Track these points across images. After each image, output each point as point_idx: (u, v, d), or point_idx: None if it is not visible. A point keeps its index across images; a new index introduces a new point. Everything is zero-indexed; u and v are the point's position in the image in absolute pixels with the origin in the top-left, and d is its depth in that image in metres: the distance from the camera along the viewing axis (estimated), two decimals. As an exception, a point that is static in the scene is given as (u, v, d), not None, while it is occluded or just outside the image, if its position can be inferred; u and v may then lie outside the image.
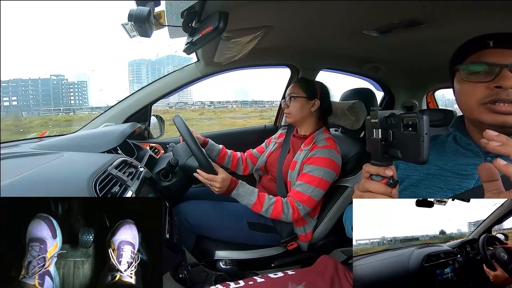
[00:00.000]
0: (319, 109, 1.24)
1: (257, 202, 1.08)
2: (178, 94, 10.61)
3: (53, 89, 18.70)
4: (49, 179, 0.73)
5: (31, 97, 19.22)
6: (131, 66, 24.80)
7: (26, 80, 20.46)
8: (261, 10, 0.82)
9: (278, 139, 1.39)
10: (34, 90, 19.64)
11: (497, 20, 0.81)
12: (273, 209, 1.08)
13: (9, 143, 1.23)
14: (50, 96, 18.63)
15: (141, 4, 0.69)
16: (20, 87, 19.32)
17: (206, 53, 1.35)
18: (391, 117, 0.44)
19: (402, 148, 0.42)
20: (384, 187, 0.46)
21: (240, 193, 1.09)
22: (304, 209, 1.10)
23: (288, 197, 1.12)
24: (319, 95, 1.23)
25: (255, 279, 0.73)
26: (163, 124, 1.75)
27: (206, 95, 54.92)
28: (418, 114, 0.40)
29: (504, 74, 0.53)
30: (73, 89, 19.85)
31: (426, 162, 0.40)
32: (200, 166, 1.08)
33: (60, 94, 19.00)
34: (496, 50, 0.55)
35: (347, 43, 1.28)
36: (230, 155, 1.42)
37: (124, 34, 0.82)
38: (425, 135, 0.39)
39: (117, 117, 1.55)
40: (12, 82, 19.56)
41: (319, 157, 1.13)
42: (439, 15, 0.85)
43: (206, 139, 1.35)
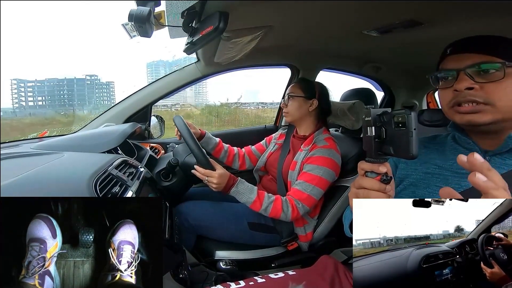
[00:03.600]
0: (318, 109, 1.24)
1: (257, 200, 1.07)
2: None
3: (88, 89, 18.98)
4: (49, 179, 0.73)
5: (66, 97, 19.58)
6: (150, 67, 24.96)
7: (62, 80, 20.83)
8: (261, 10, 0.82)
9: (278, 139, 1.39)
10: (68, 90, 20.01)
11: (497, 20, 0.82)
12: (273, 207, 1.07)
13: (9, 143, 1.23)
14: (85, 96, 18.96)
15: (141, 4, 0.69)
16: (55, 86, 19.68)
17: (206, 53, 1.35)
18: (384, 115, 0.45)
19: (394, 144, 0.43)
20: (378, 183, 0.47)
21: (239, 190, 1.08)
22: (304, 208, 1.09)
23: (287, 196, 1.11)
24: (317, 95, 1.23)
25: (255, 279, 0.73)
26: (163, 124, 1.75)
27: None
28: (407, 111, 0.41)
29: (460, 77, 0.58)
30: (105, 89, 20.17)
31: (416, 157, 0.41)
32: (198, 162, 1.07)
33: (94, 94, 19.28)
34: (453, 57, 0.60)
35: (347, 43, 1.28)
36: (226, 150, 1.42)
37: (125, 34, 0.82)
38: (413, 131, 0.40)
39: (118, 117, 1.56)
40: (48, 82, 19.97)
41: (319, 156, 1.13)
42: (439, 15, 0.85)
43: (203, 131, 1.34)
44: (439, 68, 0.64)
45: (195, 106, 8.23)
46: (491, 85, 0.56)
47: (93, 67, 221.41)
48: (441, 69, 0.63)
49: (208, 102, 17.11)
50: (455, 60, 0.60)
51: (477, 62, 0.57)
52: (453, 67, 0.60)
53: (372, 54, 1.52)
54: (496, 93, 0.55)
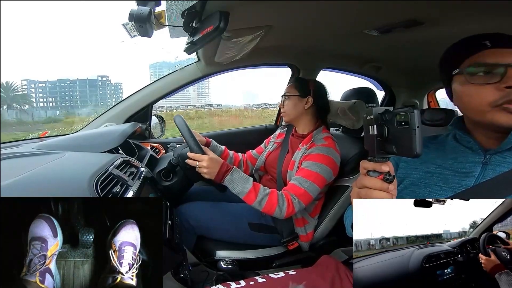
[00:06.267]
0: (314, 106, 1.24)
1: (252, 190, 1.03)
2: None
3: (100, 90, 19.21)
4: (50, 179, 0.73)
5: (78, 98, 19.84)
6: (153, 68, 25.11)
7: (75, 80, 21.08)
8: (261, 9, 0.82)
9: (277, 139, 1.39)
10: (80, 91, 20.25)
11: (498, 19, 0.81)
12: (268, 200, 1.03)
13: (10, 143, 1.23)
14: (97, 96, 19.19)
15: (141, 4, 0.69)
16: (67, 86, 19.94)
17: (207, 53, 1.35)
18: (386, 114, 0.45)
19: (397, 143, 0.43)
20: (381, 182, 0.46)
21: (234, 179, 1.03)
22: (299, 205, 1.06)
23: (283, 191, 1.08)
24: (312, 93, 1.24)
25: (256, 279, 0.73)
26: (163, 124, 1.76)
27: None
28: (410, 109, 0.41)
29: (509, 73, 0.53)
30: (114, 90, 20.34)
31: (420, 155, 0.40)
32: (190, 150, 1.06)
33: (106, 95, 19.47)
34: (496, 50, 0.55)
35: (347, 42, 1.28)
36: (232, 157, 1.42)
37: (126, 34, 0.82)
38: (417, 128, 0.40)
39: (118, 117, 1.56)
40: (61, 82, 20.25)
41: (317, 154, 1.12)
42: (439, 15, 0.85)
43: (209, 140, 1.35)
44: (476, 62, 0.56)
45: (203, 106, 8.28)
46: None
47: (94, 69, 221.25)
48: (482, 63, 0.56)
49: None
50: (499, 54, 0.54)
51: None
52: (499, 61, 0.54)
53: (372, 53, 1.52)
54: None
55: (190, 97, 18.79)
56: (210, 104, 17.37)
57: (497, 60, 0.54)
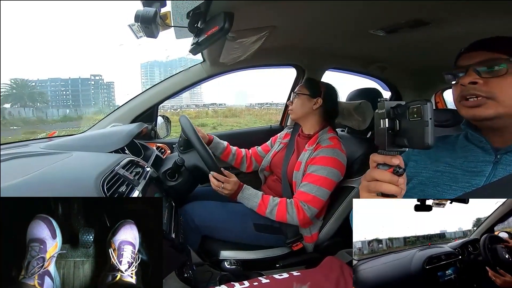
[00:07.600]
0: (322, 108, 1.24)
1: (261, 203, 1.09)
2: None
3: (93, 89, 19.44)
4: (58, 178, 0.74)
5: (70, 97, 20.08)
6: (144, 68, 25.29)
7: (66, 80, 21.40)
8: (266, 10, 0.82)
9: (284, 139, 1.39)
10: (72, 90, 20.46)
11: (503, 19, 0.80)
12: (278, 209, 1.08)
13: (19, 143, 1.26)
14: (90, 96, 19.42)
15: (147, 5, 0.70)
16: (59, 86, 20.21)
17: (212, 54, 1.35)
18: (398, 107, 0.45)
19: (408, 135, 0.43)
20: (390, 175, 0.46)
21: (245, 195, 1.11)
22: (310, 210, 1.09)
23: (293, 198, 1.11)
24: (322, 94, 1.24)
25: (260, 280, 0.73)
26: (169, 124, 1.77)
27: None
28: (422, 101, 0.42)
29: (467, 73, 0.59)
30: (106, 89, 20.57)
31: (431, 147, 0.41)
32: (207, 167, 1.09)
33: (99, 94, 19.73)
34: (466, 55, 0.63)
35: (353, 42, 1.27)
36: (234, 153, 1.43)
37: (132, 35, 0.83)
38: (429, 120, 0.41)
39: (124, 117, 1.57)
40: (52, 81, 20.54)
41: (323, 156, 1.13)
42: (445, 15, 0.84)
43: (211, 136, 1.36)
44: (455, 66, 0.66)
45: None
46: (494, 80, 0.57)
47: (87, 68, 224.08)
48: (454, 66, 0.65)
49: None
50: (467, 57, 0.62)
51: (485, 59, 0.58)
52: (464, 64, 0.61)
53: (378, 53, 1.51)
54: (499, 88, 0.56)
55: (200, 94, 18.72)
56: (213, 103, 17.51)
57: (464, 62, 0.62)
